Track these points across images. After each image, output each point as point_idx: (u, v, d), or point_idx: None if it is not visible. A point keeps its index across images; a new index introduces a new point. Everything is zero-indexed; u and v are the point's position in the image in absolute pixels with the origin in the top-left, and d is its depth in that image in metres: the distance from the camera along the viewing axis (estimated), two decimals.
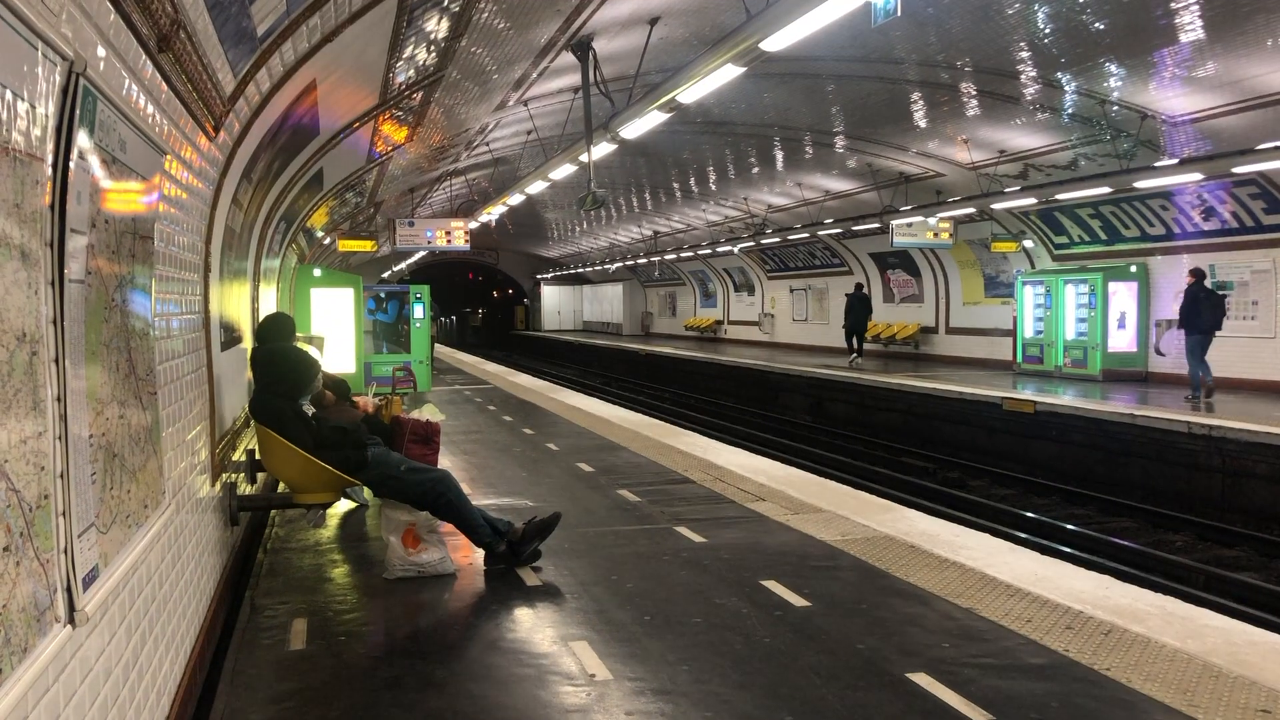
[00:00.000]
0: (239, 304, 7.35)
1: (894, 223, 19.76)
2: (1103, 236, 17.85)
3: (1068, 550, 10.02)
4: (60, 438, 2.24)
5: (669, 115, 10.61)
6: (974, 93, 13.91)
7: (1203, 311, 13.56)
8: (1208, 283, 14.15)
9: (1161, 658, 4.24)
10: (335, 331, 15.05)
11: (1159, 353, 16.85)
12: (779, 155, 20.12)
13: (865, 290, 22.78)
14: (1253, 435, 11.29)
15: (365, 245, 22.36)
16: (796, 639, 4.67)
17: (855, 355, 21.62)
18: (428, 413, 6.74)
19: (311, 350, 7.65)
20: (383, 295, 18.09)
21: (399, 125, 11.09)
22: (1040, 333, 18.70)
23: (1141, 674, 4.06)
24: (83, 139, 2.38)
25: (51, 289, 2.20)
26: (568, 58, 11.66)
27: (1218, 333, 13.67)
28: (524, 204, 21.61)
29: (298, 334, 7.05)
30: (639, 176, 24.87)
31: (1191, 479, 12.30)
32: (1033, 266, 19.84)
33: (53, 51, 2.15)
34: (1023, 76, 12.90)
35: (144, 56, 3.16)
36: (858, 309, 21.70)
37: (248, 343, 7.77)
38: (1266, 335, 15.03)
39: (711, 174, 23.14)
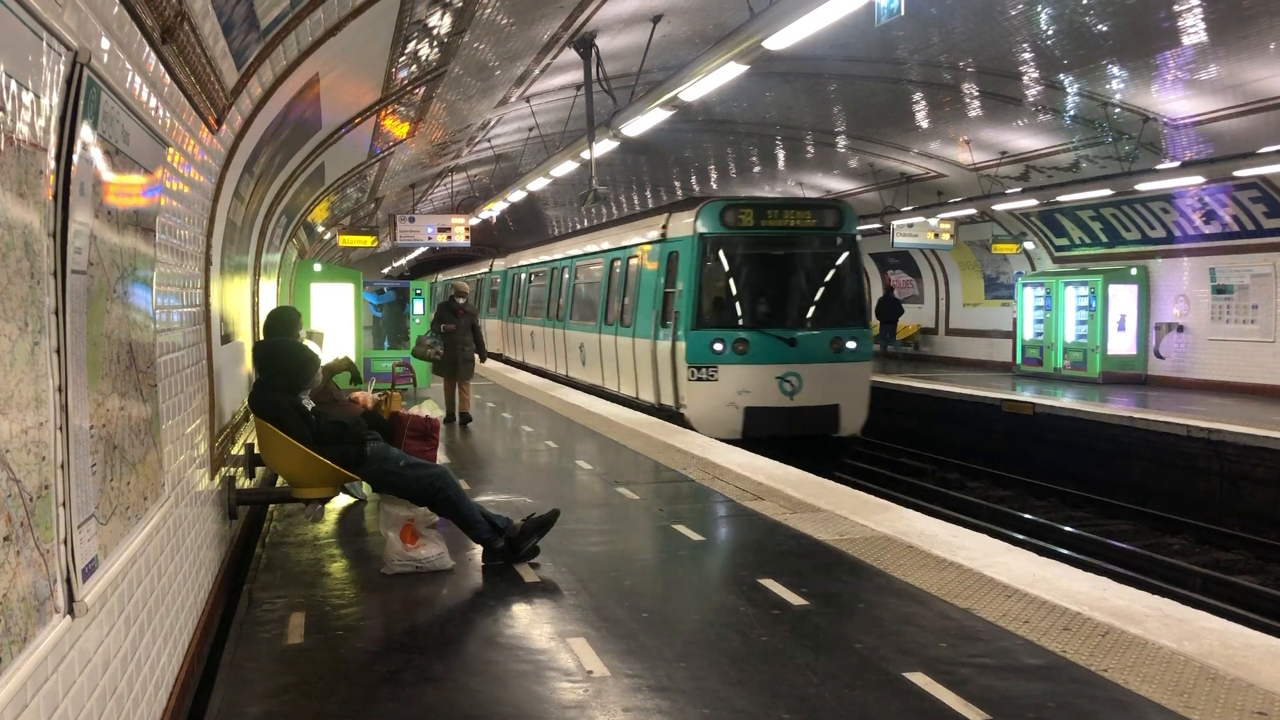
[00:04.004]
0: (239, 298, 7.35)
1: (895, 223, 19.76)
2: (1103, 239, 17.85)
3: (1065, 552, 10.02)
4: (61, 428, 2.24)
5: (671, 113, 10.62)
6: (976, 93, 13.91)
7: (883, 309, 22.82)
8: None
9: (1158, 659, 4.24)
10: (335, 327, 15.03)
11: (1159, 355, 16.88)
12: (780, 154, 20.12)
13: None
14: (1251, 439, 11.30)
15: (366, 240, 22.36)
16: (794, 637, 4.67)
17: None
18: (427, 409, 6.75)
19: (311, 345, 7.64)
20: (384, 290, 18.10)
21: (401, 120, 11.08)
22: (1040, 335, 18.69)
23: (1138, 675, 4.07)
24: (86, 130, 2.38)
25: (54, 279, 2.21)
26: (570, 54, 11.66)
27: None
28: (525, 201, 21.62)
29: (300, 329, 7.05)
30: (640, 174, 24.86)
31: (1190, 482, 12.31)
32: (1033, 268, 19.84)
33: (57, 42, 2.15)
34: (1025, 78, 12.90)
35: (147, 48, 3.16)
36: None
37: (247, 337, 7.77)
38: (1266, 340, 15.04)
39: (713, 172, 23.13)
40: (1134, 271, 17.27)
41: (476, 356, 12.44)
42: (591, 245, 17.55)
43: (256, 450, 6.53)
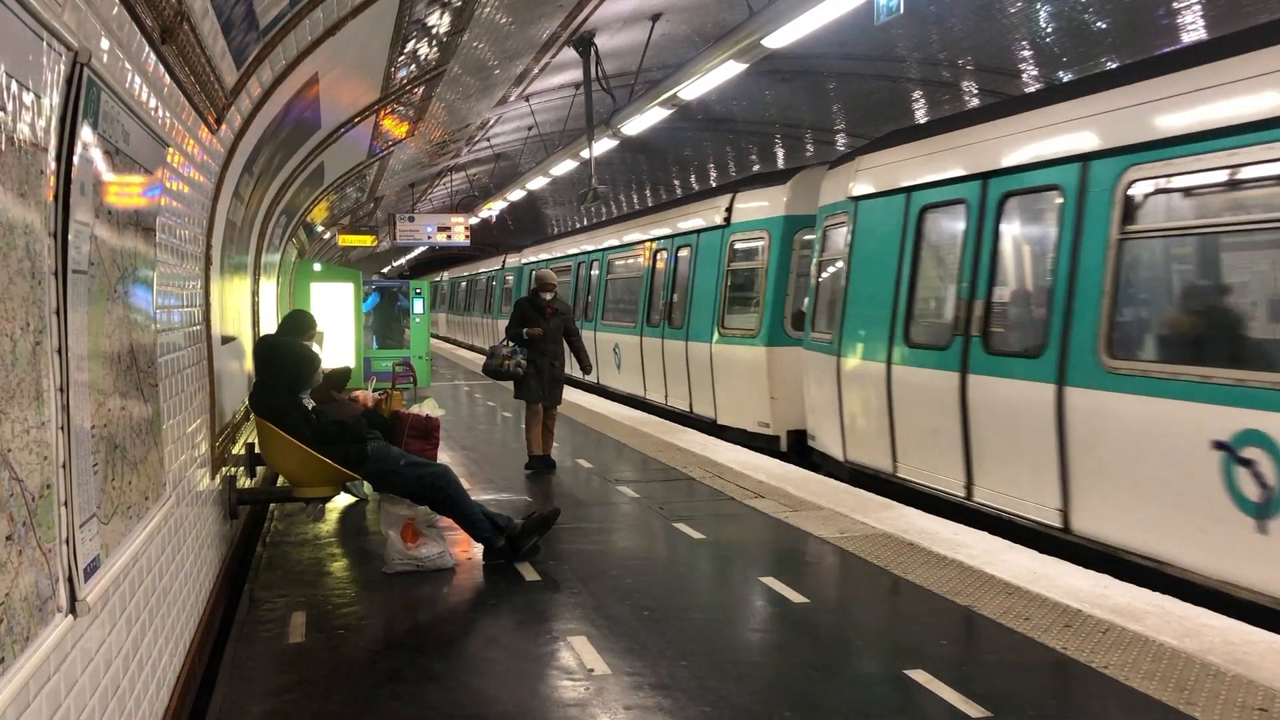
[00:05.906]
0: (239, 298, 7.35)
1: None
2: None
3: None
4: (63, 428, 2.24)
5: (670, 111, 10.62)
6: (975, 91, 13.90)
7: None
8: None
9: (1159, 656, 4.24)
10: (335, 326, 15.05)
11: None
12: (780, 153, 20.12)
13: None
14: None
15: (365, 240, 22.38)
16: (795, 635, 4.67)
17: None
18: (428, 408, 6.75)
19: (312, 345, 7.66)
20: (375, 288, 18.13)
21: (400, 120, 11.07)
22: None
23: (1139, 672, 4.07)
24: (86, 131, 2.37)
25: (55, 279, 2.21)
26: (569, 53, 11.66)
27: None
28: (524, 200, 21.63)
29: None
30: (640, 173, 24.86)
31: None
32: None
33: (57, 42, 2.15)
34: (1025, 75, 12.89)
35: (147, 48, 3.16)
36: None
37: (247, 336, 7.77)
38: None
39: (713, 171, 23.13)
40: None
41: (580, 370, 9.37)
42: None
43: (257, 450, 6.54)
